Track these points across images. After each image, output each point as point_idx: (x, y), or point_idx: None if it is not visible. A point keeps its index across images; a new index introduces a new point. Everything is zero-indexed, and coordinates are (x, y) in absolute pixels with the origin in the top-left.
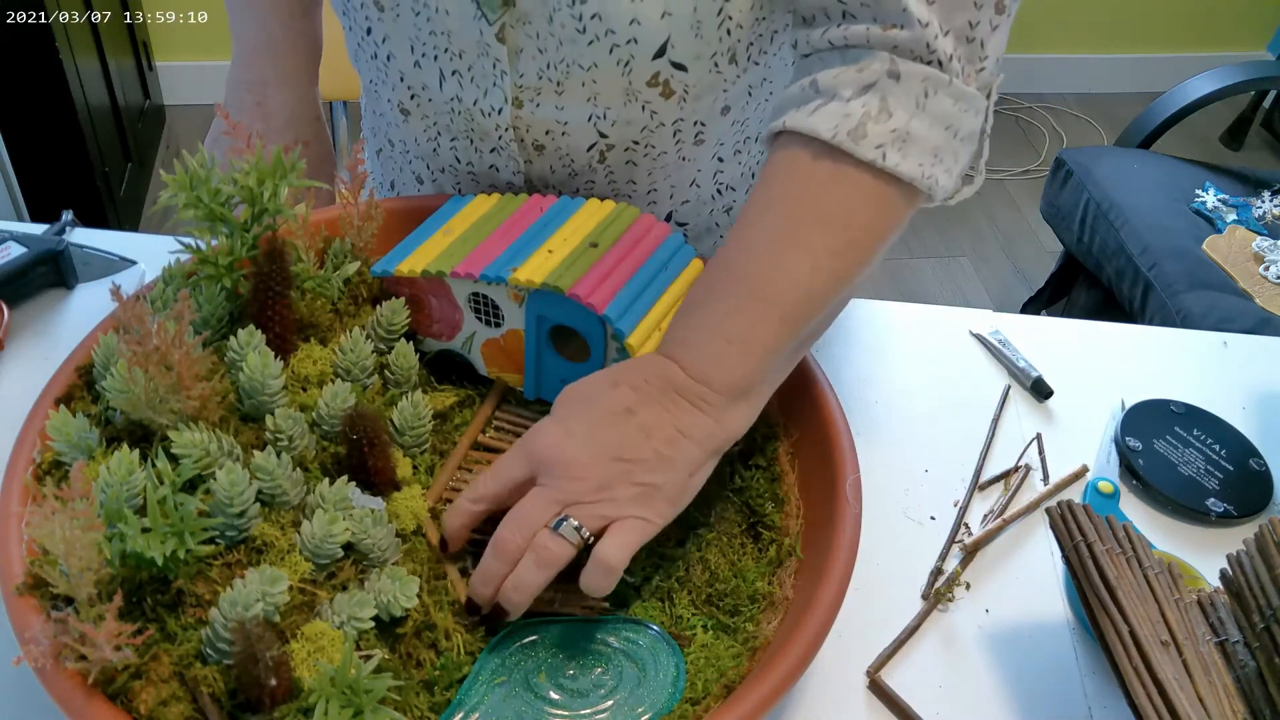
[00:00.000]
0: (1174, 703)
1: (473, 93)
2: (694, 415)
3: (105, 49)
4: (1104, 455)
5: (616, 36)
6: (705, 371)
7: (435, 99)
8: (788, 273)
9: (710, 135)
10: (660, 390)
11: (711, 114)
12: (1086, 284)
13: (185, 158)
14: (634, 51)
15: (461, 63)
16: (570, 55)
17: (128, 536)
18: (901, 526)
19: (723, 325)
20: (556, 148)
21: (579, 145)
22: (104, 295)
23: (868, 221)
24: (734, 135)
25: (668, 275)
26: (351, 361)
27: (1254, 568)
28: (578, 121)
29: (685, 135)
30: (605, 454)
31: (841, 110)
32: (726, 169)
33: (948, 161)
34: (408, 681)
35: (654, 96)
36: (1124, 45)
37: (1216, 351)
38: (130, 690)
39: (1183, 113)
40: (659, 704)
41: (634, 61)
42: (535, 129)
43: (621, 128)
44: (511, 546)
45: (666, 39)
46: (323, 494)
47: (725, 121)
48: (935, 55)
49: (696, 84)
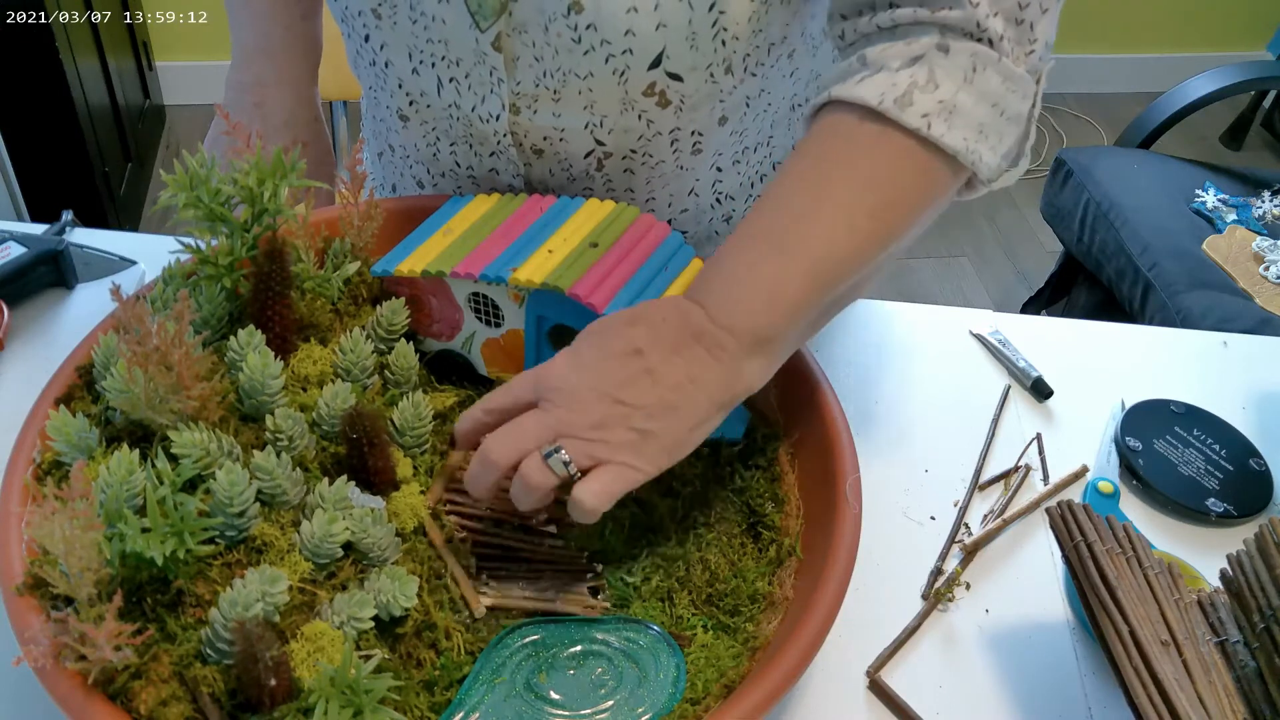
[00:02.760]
0: (1174, 703)
1: (470, 99)
2: (708, 363)
3: (105, 49)
4: (1104, 455)
5: (612, 47)
6: (728, 316)
7: (434, 105)
8: (823, 229)
9: (708, 145)
10: (677, 332)
11: (709, 124)
12: (1086, 284)
13: (185, 158)
14: (629, 62)
15: (459, 70)
16: (567, 64)
17: (128, 536)
18: (901, 526)
19: (751, 272)
20: (555, 153)
21: (576, 152)
22: (104, 295)
23: (908, 187)
24: (732, 145)
25: (668, 275)
26: (351, 361)
27: (1254, 568)
28: (574, 129)
29: (683, 145)
30: (607, 393)
31: (889, 80)
32: (725, 179)
33: (992, 139)
34: (408, 681)
35: (650, 106)
36: (1124, 45)
37: (1216, 351)
38: (130, 690)
39: (1183, 113)
40: (659, 704)
41: (629, 72)
42: (533, 135)
43: (619, 136)
44: (497, 458)
45: (662, 50)
46: (322, 494)
47: (723, 132)
48: (985, 34)
49: (693, 94)
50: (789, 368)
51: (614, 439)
